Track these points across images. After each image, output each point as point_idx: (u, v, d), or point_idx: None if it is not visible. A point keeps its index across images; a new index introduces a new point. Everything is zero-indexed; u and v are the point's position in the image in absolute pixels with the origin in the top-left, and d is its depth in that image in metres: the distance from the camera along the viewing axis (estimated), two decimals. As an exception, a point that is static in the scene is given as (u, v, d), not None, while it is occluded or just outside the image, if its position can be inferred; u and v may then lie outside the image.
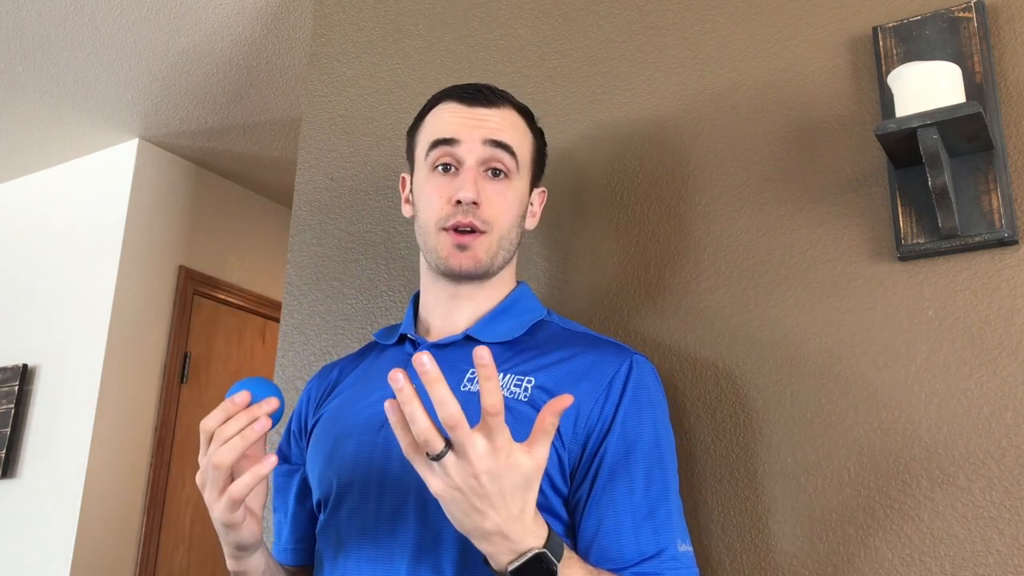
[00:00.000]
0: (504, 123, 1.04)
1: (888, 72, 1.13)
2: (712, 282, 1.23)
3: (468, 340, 1.02)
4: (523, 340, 1.03)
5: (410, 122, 1.15)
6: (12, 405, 2.88)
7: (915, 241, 1.09)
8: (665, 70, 1.36)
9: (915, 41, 1.15)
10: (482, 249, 1.01)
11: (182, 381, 3.04)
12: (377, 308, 1.53)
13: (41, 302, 3.04)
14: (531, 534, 0.78)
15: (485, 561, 0.80)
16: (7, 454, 2.85)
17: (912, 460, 1.04)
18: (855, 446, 1.08)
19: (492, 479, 0.74)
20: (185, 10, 2.37)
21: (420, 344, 1.05)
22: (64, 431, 2.78)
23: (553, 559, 0.79)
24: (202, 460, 0.87)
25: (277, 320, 3.15)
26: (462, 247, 1.00)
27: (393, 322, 1.48)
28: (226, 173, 3.34)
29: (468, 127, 1.02)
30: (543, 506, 0.90)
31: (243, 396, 0.86)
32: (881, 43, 1.17)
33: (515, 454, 0.75)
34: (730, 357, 1.18)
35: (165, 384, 2.97)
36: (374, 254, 1.57)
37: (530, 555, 0.77)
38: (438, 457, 0.74)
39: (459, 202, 0.99)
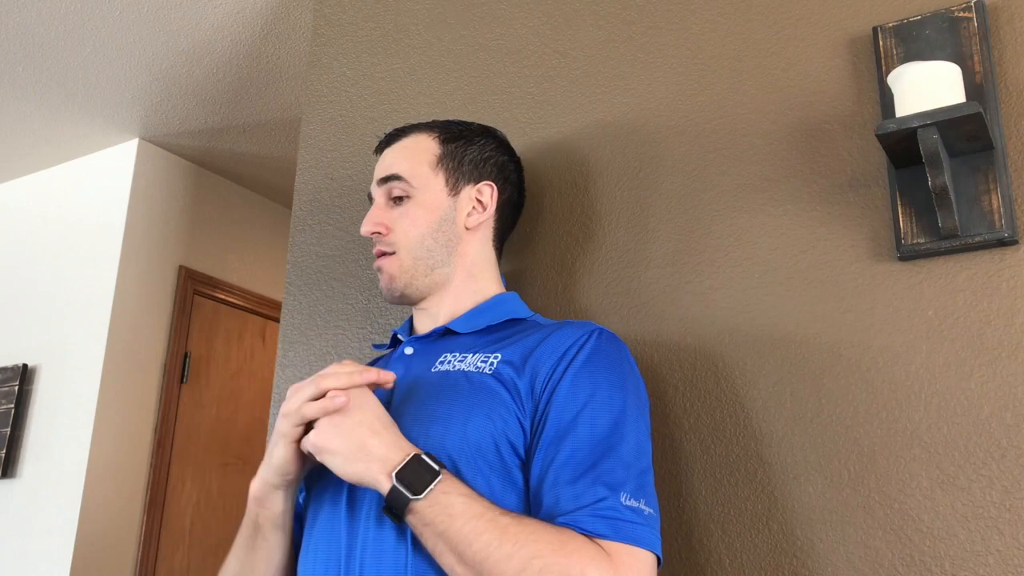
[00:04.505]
0: (394, 156, 1.18)
1: (888, 72, 1.13)
2: (712, 282, 1.23)
3: (447, 333, 1.11)
4: (498, 330, 1.10)
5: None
6: (12, 405, 2.88)
7: (915, 241, 1.09)
8: (665, 70, 1.36)
9: (915, 41, 1.15)
10: (393, 267, 1.13)
11: (182, 381, 3.04)
12: (377, 308, 1.53)
13: (41, 302, 3.04)
14: (407, 445, 0.90)
15: (385, 509, 0.87)
16: (7, 454, 2.84)
17: (912, 460, 1.04)
18: (855, 446, 1.08)
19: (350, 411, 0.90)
20: (185, 10, 2.37)
21: (404, 340, 1.13)
22: (64, 431, 2.78)
23: (432, 462, 0.87)
24: (307, 387, 0.94)
25: (277, 320, 3.15)
26: (379, 269, 1.15)
27: (392, 322, 1.49)
28: (226, 173, 3.34)
29: (374, 177, 1.19)
30: (500, 470, 0.93)
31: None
32: (881, 43, 1.17)
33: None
34: (730, 357, 1.18)
35: (165, 384, 2.97)
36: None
37: (411, 455, 0.88)
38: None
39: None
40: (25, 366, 2.94)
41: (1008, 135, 1.09)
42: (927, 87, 1.04)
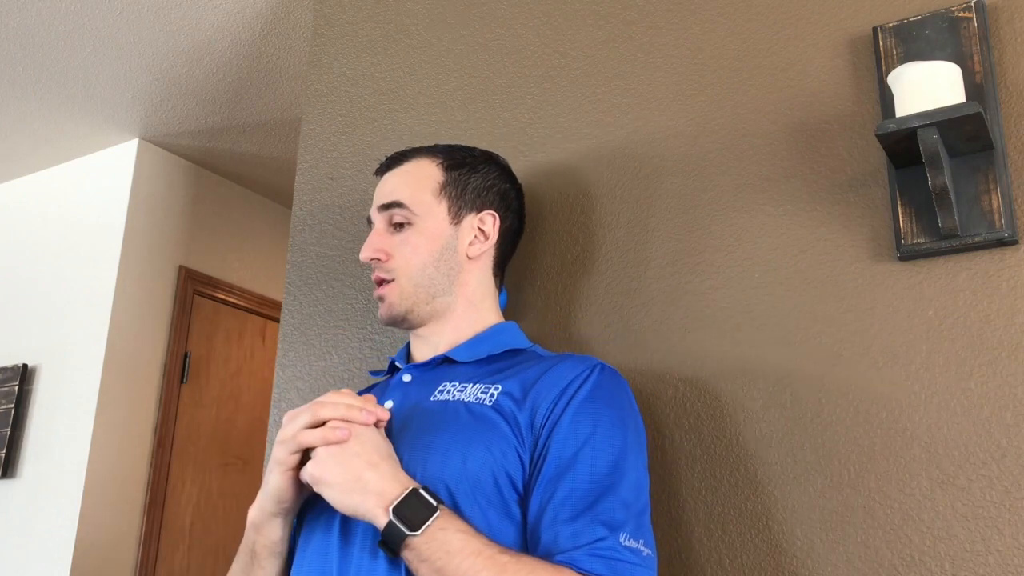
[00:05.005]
0: (396, 182, 1.15)
1: (888, 72, 1.13)
2: (712, 282, 1.23)
3: (445, 361, 1.09)
4: (498, 360, 1.08)
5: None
6: (12, 405, 2.88)
7: (915, 241, 1.09)
8: (665, 70, 1.36)
9: (915, 41, 1.15)
10: (393, 295, 1.11)
11: (182, 381, 3.04)
12: (377, 308, 1.53)
13: (41, 302, 3.04)
14: (404, 479, 0.89)
15: (381, 543, 0.86)
16: (7, 454, 2.84)
17: (912, 460, 1.04)
18: (855, 446, 1.08)
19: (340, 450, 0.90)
20: (185, 10, 2.37)
21: (402, 368, 1.12)
22: (64, 431, 2.78)
23: (430, 497, 0.86)
24: (303, 414, 0.94)
25: (277, 320, 3.15)
26: (380, 298, 1.13)
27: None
28: (226, 173, 3.34)
29: (374, 202, 1.16)
30: (499, 504, 0.92)
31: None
32: (881, 43, 1.17)
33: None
34: (731, 357, 1.18)
35: (165, 384, 2.97)
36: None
37: (409, 489, 0.87)
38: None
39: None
40: (25, 366, 2.94)
41: (1008, 135, 1.09)
42: (927, 87, 1.04)
